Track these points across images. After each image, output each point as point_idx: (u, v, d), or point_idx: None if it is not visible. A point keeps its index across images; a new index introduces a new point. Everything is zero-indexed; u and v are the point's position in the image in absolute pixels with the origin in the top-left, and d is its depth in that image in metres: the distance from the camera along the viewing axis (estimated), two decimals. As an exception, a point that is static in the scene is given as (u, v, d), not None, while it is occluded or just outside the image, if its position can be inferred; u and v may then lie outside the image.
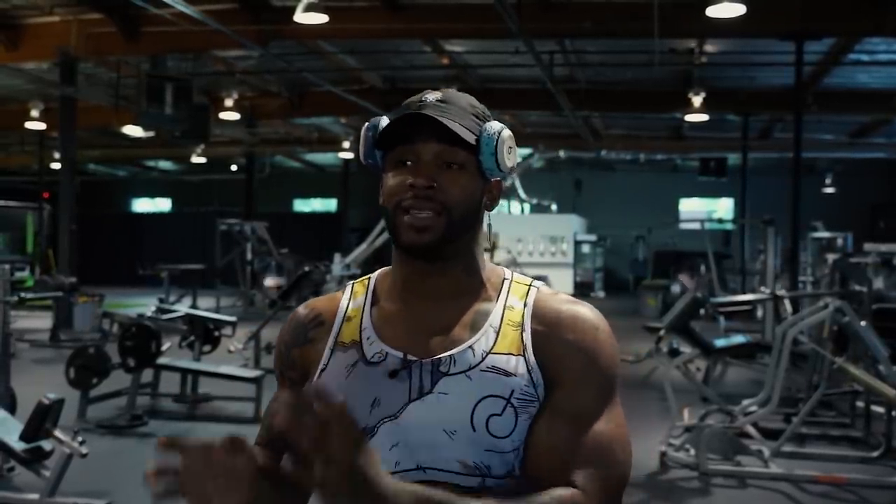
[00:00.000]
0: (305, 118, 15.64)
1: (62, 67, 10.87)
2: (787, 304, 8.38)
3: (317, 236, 20.96)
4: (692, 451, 4.97)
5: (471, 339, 1.04)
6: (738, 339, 6.94)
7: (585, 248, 20.97)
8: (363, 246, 13.10)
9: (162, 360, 6.26)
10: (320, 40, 10.66)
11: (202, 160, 19.33)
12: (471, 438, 0.99)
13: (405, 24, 9.66)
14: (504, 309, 1.07)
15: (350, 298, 1.13)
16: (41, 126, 14.12)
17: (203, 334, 7.17)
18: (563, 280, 19.64)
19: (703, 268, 14.20)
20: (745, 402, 5.42)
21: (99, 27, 10.10)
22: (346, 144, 17.61)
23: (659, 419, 5.97)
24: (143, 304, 11.47)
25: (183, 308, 8.73)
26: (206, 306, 12.62)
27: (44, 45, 10.48)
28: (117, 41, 10.16)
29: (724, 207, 23.51)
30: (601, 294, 20.52)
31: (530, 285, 1.11)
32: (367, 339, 1.07)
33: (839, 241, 12.94)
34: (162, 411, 6.32)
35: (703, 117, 12.95)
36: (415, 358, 1.04)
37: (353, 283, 1.15)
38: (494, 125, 1.08)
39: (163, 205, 26.92)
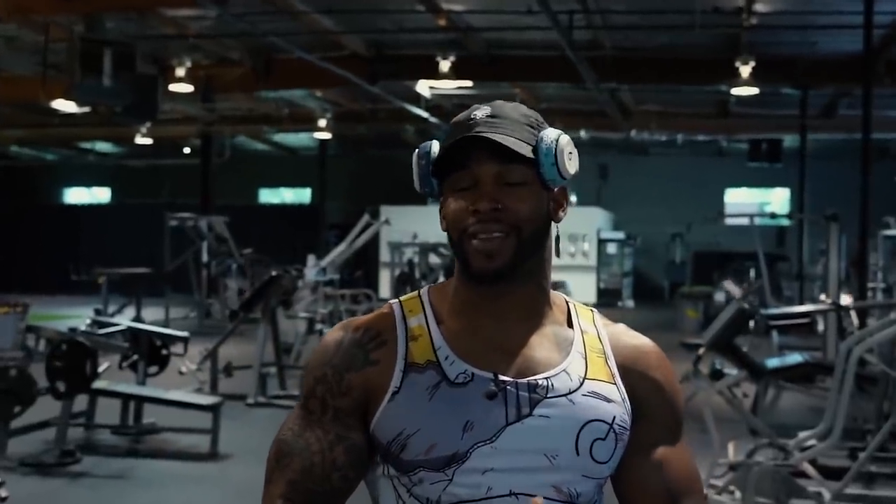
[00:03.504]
0: (273, 91, 15.62)
1: (-21, 30, 10.86)
2: (854, 317, 8.39)
3: (287, 234, 20.93)
4: (737, 494, 4.98)
5: (562, 362, 1.21)
6: (794, 358, 6.95)
7: (611, 249, 21.00)
8: (342, 246, 13.12)
9: (99, 384, 6.26)
10: (291, -3, 10.67)
11: (148, 142, 19.32)
12: (572, 463, 1.17)
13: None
14: (582, 334, 1.26)
15: (404, 316, 1.24)
16: (-47, 100, 14.12)
17: (149, 352, 7.17)
18: (585, 287, 19.67)
19: (752, 272, 14.22)
20: (802, 434, 5.42)
21: (23, -19, 10.09)
22: (323, 122, 17.63)
23: (698, 454, 5.91)
24: (77, 316, 11.47)
25: (125, 321, 8.73)
26: (152, 318, 12.62)
27: (-44, 3, 10.46)
28: (45, -2, 10.15)
29: (778, 199, 23.54)
30: (630, 304, 20.54)
31: (592, 310, 1.31)
32: (446, 358, 1.19)
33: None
34: (99, 446, 6.32)
35: (754, 91, 12.97)
36: (509, 379, 1.17)
37: (399, 301, 1.27)
38: (550, 133, 1.23)
39: (101, 195, 26.92)
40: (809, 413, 7.43)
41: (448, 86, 13.19)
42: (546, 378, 1.18)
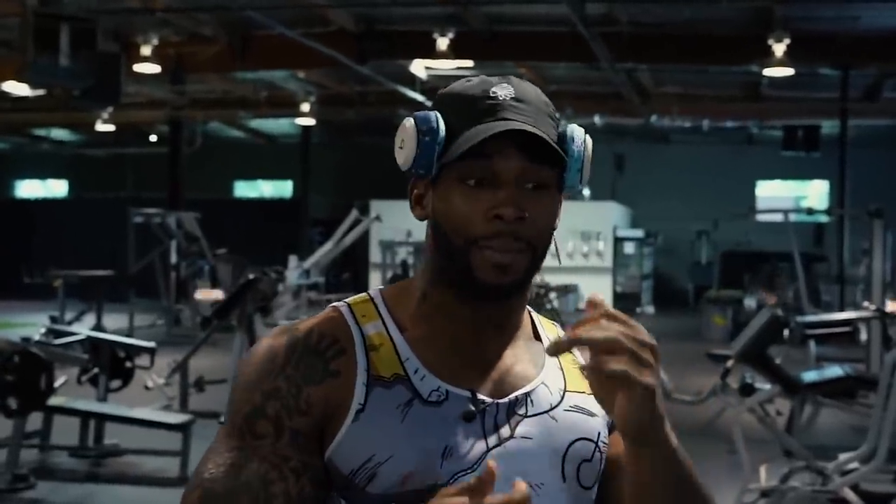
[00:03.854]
0: (251, 71, 15.63)
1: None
2: (901, 324, 8.40)
3: (266, 232, 20.93)
4: (771, 523, 4.99)
5: (539, 375, 1.20)
6: (834, 371, 6.94)
7: (629, 248, 21.01)
8: (328, 245, 13.13)
9: (55, 401, 6.25)
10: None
11: (110, 129, 19.28)
12: (558, 494, 1.16)
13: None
14: None
15: (357, 322, 1.18)
16: None
17: (111, 365, 7.16)
18: (601, 289, 19.66)
19: (787, 275, 14.22)
20: (843, 456, 5.43)
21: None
22: (306, 107, 17.63)
23: (727, 479, 5.96)
24: (31, 325, 11.46)
25: (84, 329, 8.73)
26: (115, 327, 12.62)
27: None
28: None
29: (815, 193, 23.56)
30: (650, 309, 20.55)
31: (555, 324, 1.31)
32: (416, 372, 1.15)
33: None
34: (55, 469, 6.31)
35: (789, 71, 12.97)
36: (487, 398, 1.15)
37: (346, 304, 1.21)
38: (577, 131, 1.21)
39: (57, 188, 26.90)
40: (851, 433, 7.44)
41: (446, 65, 13.19)
42: (525, 394, 1.17)
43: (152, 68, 13.65)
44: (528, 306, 1.26)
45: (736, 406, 5.73)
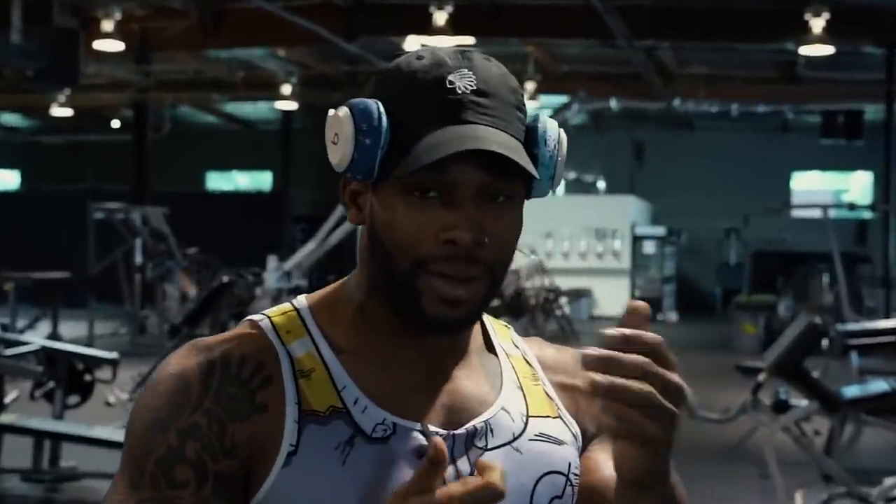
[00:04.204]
0: (225, 49, 15.63)
1: None
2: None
3: (243, 229, 20.94)
4: (808, 556, 4.99)
5: (497, 398, 1.14)
6: (879, 386, 6.95)
7: (649, 247, 21.03)
8: (311, 244, 13.11)
9: (5, 419, 6.24)
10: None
11: (68, 113, 19.28)
12: None
13: None
14: (508, 358, 1.19)
15: (282, 340, 1.11)
16: None
17: (68, 378, 7.16)
18: (615, 295, 19.69)
19: (826, 277, 14.22)
20: (888, 481, 5.43)
21: None
22: (287, 89, 17.64)
23: (758, 507, 5.98)
24: (-22, 332, 11.42)
25: (38, 338, 8.72)
26: (73, 335, 12.61)
27: None
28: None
29: (857, 186, 23.57)
30: (672, 316, 20.57)
31: (507, 326, 1.24)
32: (356, 403, 1.08)
33: None
34: (6, 495, 6.30)
35: (828, 49, 12.98)
36: (440, 430, 1.09)
37: (267, 317, 1.14)
38: (551, 130, 1.12)
39: (8, 180, 26.88)
40: (897, 454, 7.45)
41: (444, 43, 13.19)
42: (484, 422, 1.11)
43: (115, 45, 13.64)
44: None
45: (769, 425, 5.72)
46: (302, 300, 1.16)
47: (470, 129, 1.05)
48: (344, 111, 1.10)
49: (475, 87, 1.07)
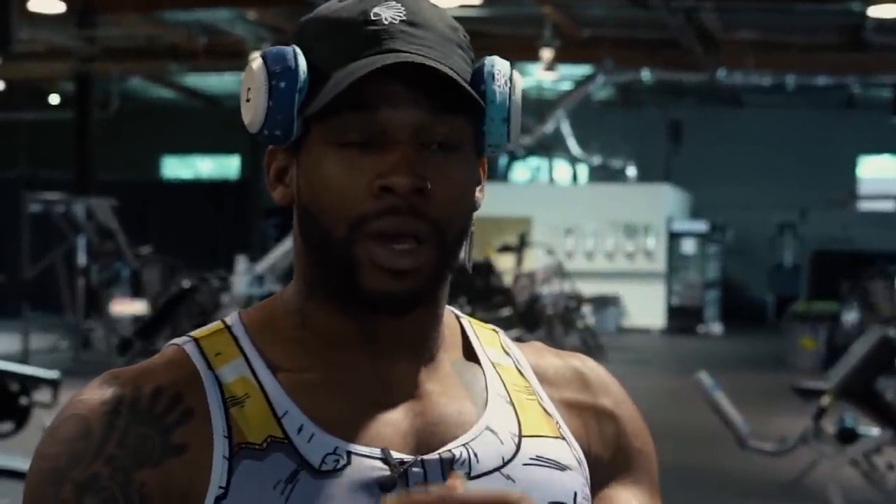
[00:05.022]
0: (184, 11, 15.66)
1: None
2: None
3: (206, 224, 20.99)
4: None
5: (481, 415, 1.12)
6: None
7: (688, 247, 21.07)
8: (288, 243, 13.10)
9: (-79, 450, 6.24)
10: None
11: (-3, 87, 19.32)
12: None
13: None
14: (494, 367, 1.17)
15: (209, 365, 1.11)
16: None
17: (0, 401, 7.17)
18: (649, 303, 19.72)
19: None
20: (976, 524, 5.42)
21: None
22: (257, 58, 17.67)
23: (820, 556, 5.99)
24: None
25: (-39, 354, 8.73)
26: (4, 350, 12.62)
27: None
28: None
29: (937, 172, 23.61)
30: (716, 328, 20.59)
31: (496, 331, 1.24)
32: (300, 430, 1.07)
33: None
34: (-78, 541, 6.31)
35: (901, 11, 13.01)
36: (407, 457, 1.07)
37: (192, 339, 1.14)
38: (501, 65, 1.12)
39: (-73, 167, 26.94)
40: None
41: (445, 3, 13.21)
42: (464, 445, 1.08)
43: (53, 6, 13.67)
44: (452, 309, 1.20)
45: (833, 457, 5.72)
46: (234, 316, 1.16)
47: (397, 55, 1.05)
48: (256, 60, 1.13)
49: (404, 18, 1.08)
